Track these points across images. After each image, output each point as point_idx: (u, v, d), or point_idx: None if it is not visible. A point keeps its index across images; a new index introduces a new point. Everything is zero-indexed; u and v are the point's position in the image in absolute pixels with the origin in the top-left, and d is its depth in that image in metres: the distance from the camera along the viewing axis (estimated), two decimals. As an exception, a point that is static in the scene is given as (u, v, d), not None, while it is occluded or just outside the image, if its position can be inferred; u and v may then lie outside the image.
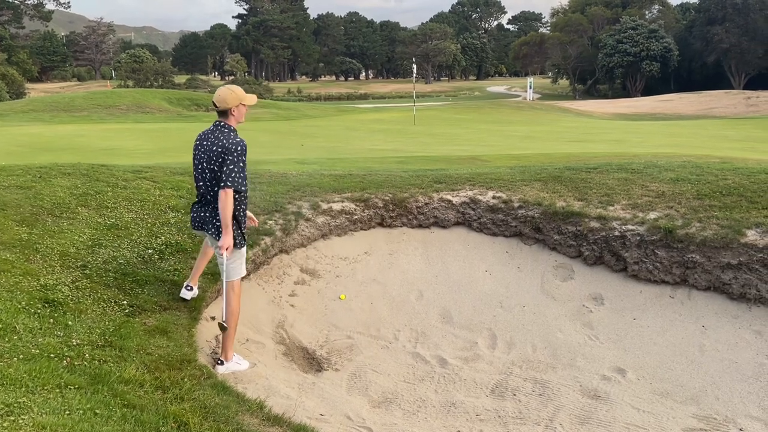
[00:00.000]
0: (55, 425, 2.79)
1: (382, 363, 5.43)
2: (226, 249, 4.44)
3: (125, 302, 4.73)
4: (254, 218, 5.09)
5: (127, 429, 2.98)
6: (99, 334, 4.15)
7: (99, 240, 5.54)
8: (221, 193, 4.40)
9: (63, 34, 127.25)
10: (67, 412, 2.98)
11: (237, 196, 4.52)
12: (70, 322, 4.19)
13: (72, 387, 3.31)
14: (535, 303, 6.29)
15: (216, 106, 4.56)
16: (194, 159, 4.65)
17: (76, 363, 3.67)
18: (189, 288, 5.11)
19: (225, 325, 4.56)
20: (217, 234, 4.54)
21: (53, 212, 5.86)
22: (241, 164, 4.46)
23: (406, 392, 4.99)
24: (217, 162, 4.45)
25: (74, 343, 3.91)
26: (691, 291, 5.92)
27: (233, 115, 4.57)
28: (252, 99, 4.65)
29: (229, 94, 4.54)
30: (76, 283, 4.78)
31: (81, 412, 3.02)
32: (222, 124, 4.57)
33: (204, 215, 4.69)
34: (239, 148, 4.45)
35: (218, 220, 4.50)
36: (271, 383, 4.72)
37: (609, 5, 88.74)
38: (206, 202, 4.66)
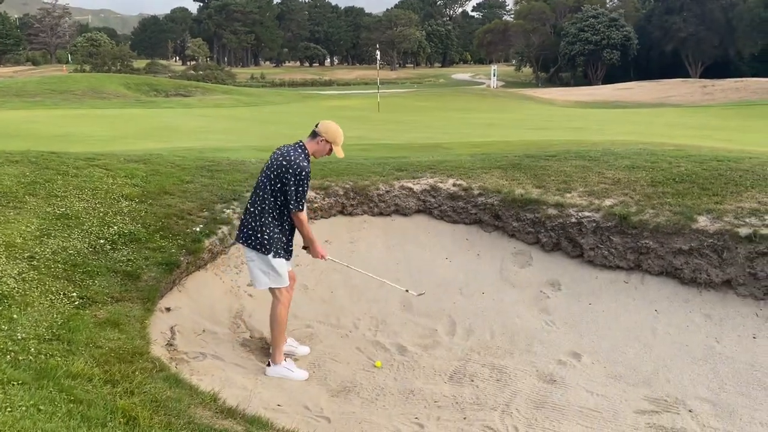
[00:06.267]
0: (-6, 423, 2.69)
1: (342, 352, 5.41)
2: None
3: (75, 294, 4.59)
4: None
5: (72, 425, 2.88)
6: (46, 328, 4.01)
7: (47, 230, 5.36)
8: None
9: (16, 16, 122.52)
10: (9, 409, 2.87)
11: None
12: (15, 316, 4.04)
13: (15, 383, 3.19)
14: (494, 290, 6.34)
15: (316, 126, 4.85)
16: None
17: (20, 358, 3.55)
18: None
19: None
20: None
21: (-1, 201, 5.64)
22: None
23: (365, 380, 4.98)
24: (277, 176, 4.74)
25: (19, 338, 3.78)
26: (645, 276, 6.04)
27: (318, 144, 4.81)
28: (339, 153, 4.85)
29: (334, 128, 4.82)
30: (23, 275, 4.61)
31: (23, 408, 2.92)
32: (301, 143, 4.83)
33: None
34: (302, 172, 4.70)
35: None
36: (228, 374, 4.66)
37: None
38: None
